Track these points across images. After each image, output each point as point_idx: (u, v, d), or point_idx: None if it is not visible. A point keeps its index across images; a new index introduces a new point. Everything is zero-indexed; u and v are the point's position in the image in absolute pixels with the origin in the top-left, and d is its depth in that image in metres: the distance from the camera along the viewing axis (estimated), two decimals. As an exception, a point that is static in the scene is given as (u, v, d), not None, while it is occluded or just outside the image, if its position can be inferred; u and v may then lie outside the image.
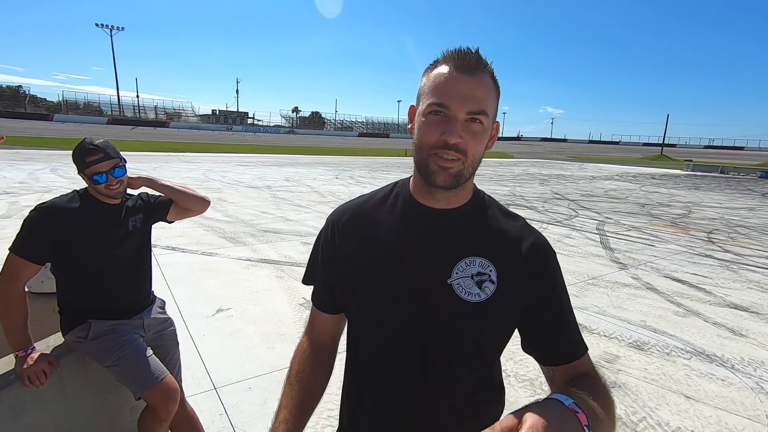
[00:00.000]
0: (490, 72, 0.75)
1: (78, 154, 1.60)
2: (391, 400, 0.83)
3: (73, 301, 1.65)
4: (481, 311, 0.77)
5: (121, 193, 1.66)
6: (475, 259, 0.79)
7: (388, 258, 0.81)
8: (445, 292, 0.77)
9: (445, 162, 0.74)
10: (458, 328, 0.78)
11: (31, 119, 50.58)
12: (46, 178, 11.25)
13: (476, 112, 0.72)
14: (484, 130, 0.74)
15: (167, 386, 1.57)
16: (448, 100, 0.72)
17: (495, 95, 0.76)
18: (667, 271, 5.44)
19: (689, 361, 3.22)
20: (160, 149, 24.24)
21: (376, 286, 0.81)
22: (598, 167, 27.17)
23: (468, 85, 0.72)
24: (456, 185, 0.76)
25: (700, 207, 11.50)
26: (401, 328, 0.80)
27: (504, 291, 0.78)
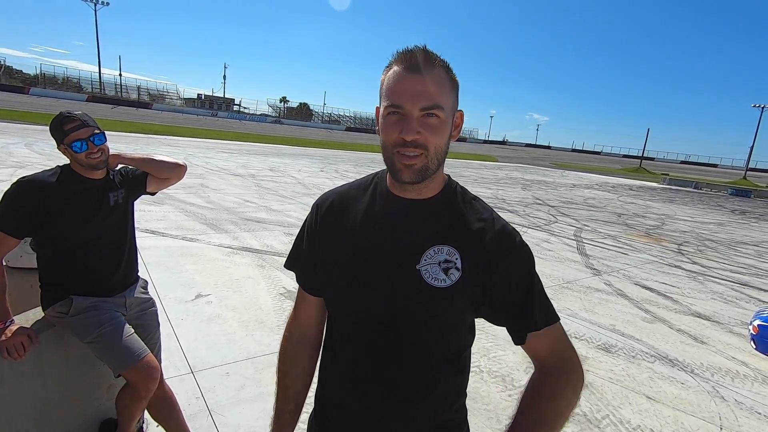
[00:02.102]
0: (442, 66, 0.79)
1: (56, 125, 1.59)
2: (364, 380, 0.87)
3: (55, 277, 1.64)
4: (448, 296, 0.81)
5: (102, 162, 1.64)
6: (443, 248, 0.83)
7: (362, 244, 0.85)
8: (413, 277, 0.81)
9: (408, 159, 0.78)
10: (426, 312, 0.82)
11: (6, 91, 48.55)
12: (20, 153, 10.88)
13: (429, 107, 0.76)
14: (442, 122, 0.78)
15: (148, 365, 1.58)
16: (401, 100, 0.76)
17: (450, 87, 0.79)
18: (637, 279, 5.65)
19: (653, 364, 3.38)
20: (141, 131, 23.62)
21: (350, 271, 0.86)
22: (579, 176, 27.77)
23: (417, 83, 0.76)
24: (422, 179, 0.80)
25: (673, 219, 11.91)
26: (373, 311, 0.84)
27: (468, 277, 0.82)
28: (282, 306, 3.71)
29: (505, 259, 0.84)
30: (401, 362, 0.85)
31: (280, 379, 1.00)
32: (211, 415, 2.27)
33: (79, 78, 69.29)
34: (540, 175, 23.83)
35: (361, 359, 0.87)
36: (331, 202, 0.93)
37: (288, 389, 0.99)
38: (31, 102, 37.95)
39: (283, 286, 4.12)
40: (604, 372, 3.16)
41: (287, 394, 0.99)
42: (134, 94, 70.14)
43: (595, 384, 2.99)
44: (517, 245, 0.86)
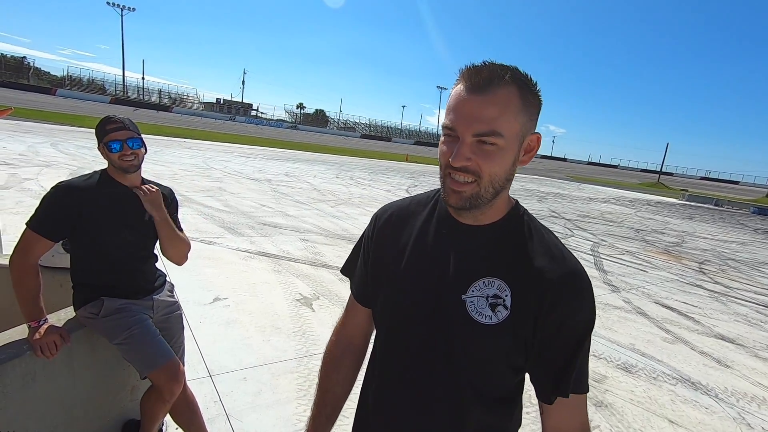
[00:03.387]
0: (513, 84, 0.70)
1: (100, 125, 1.66)
2: (395, 405, 0.84)
3: (87, 278, 1.68)
4: (490, 335, 0.75)
5: (134, 166, 1.67)
6: (494, 281, 0.76)
7: (412, 263, 0.83)
8: (457, 307, 0.77)
9: (457, 185, 0.73)
10: (464, 346, 0.76)
11: (34, 92, 50.18)
12: (46, 152, 11.18)
13: (484, 133, 0.70)
14: (500, 149, 0.71)
15: (174, 368, 1.60)
16: (455, 123, 0.71)
17: (519, 108, 0.71)
18: (657, 297, 5.52)
19: (675, 387, 3.29)
20: (162, 133, 24.13)
21: (396, 289, 0.84)
22: (596, 189, 27.42)
23: (475, 105, 0.69)
24: (471, 207, 0.75)
25: (693, 237, 11.65)
26: (412, 335, 0.81)
27: (518, 319, 0.74)
28: (298, 312, 3.72)
29: (565, 308, 0.74)
30: (433, 393, 0.80)
31: (321, 381, 0.99)
32: (229, 420, 2.28)
33: (103, 80, 71.34)
34: (556, 188, 23.58)
35: (395, 382, 0.85)
36: (390, 214, 0.91)
37: (327, 393, 0.98)
38: (57, 103, 39.14)
39: (299, 293, 4.14)
40: (624, 393, 3.09)
41: (326, 398, 0.98)
42: (155, 97, 71.82)
43: (615, 405, 2.92)
44: (583, 295, 0.75)
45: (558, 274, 0.74)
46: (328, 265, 5.10)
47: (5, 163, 8.78)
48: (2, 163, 8.79)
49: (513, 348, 0.76)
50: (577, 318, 0.75)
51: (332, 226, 7.18)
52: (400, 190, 13.66)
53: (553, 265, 0.75)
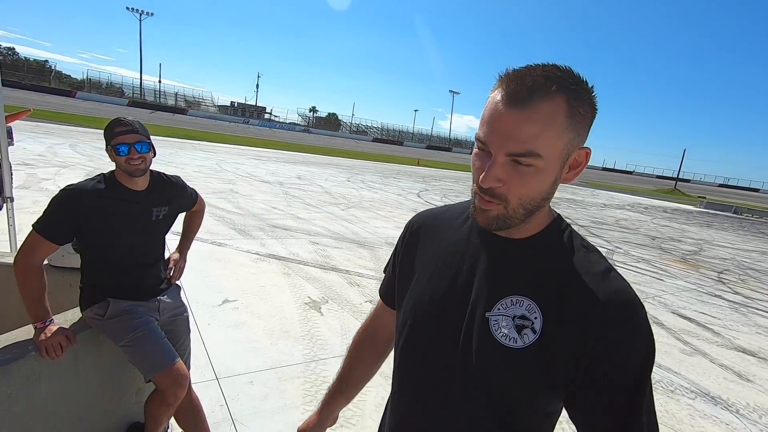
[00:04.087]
0: (558, 95, 0.60)
1: (109, 127, 1.65)
2: (409, 413, 0.81)
3: (94, 279, 1.67)
4: (512, 359, 0.67)
5: (141, 170, 1.65)
6: (523, 300, 0.68)
7: (440, 274, 0.78)
8: (481, 324, 0.70)
9: (484, 203, 0.67)
10: (483, 368, 0.69)
11: (55, 94, 51.52)
12: (65, 153, 11.41)
13: (519, 154, 0.61)
14: (538, 171, 0.63)
15: (178, 371, 1.58)
16: (488, 138, 0.63)
17: (562, 126, 0.61)
18: (674, 308, 5.37)
19: (693, 401, 3.17)
20: (177, 135, 24.50)
21: (420, 297, 0.80)
22: (610, 195, 26.99)
23: (512, 121, 0.60)
24: (499, 228, 0.69)
25: (712, 245, 11.36)
26: (431, 349, 0.76)
27: (546, 347, 0.65)
28: (306, 316, 3.70)
29: (612, 338, 0.62)
30: (448, 409, 0.74)
31: (344, 362, 1.05)
32: (234, 425, 2.26)
33: (121, 84, 72.93)
34: (569, 194, 23.29)
35: (410, 390, 0.81)
36: (424, 221, 0.89)
37: (346, 372, 1.03)
38: (77, 105, 40.07)
39: (308, 296, 4.12)
40: (640, 406, 2.99)
41: (344, 376, 1.03)
42: (172, 101, 73.15)
43: (630, 418, 2.82)
44: (634, 322, 0.63)
45: (603, 301, 0.64)
46: (338, 268, 5.07)
47: (24, 164, 8.98)
48: (22, 163, 8.98)
49: (540, 380, 0.66)
50: (630, 351, 0.63)
51: (342, 230, 7.16)
52: (411, 194, 13.61)
53: (597, 289, 0.65)
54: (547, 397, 0.68)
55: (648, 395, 0.64)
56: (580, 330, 0.63)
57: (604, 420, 0.64)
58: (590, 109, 0.64)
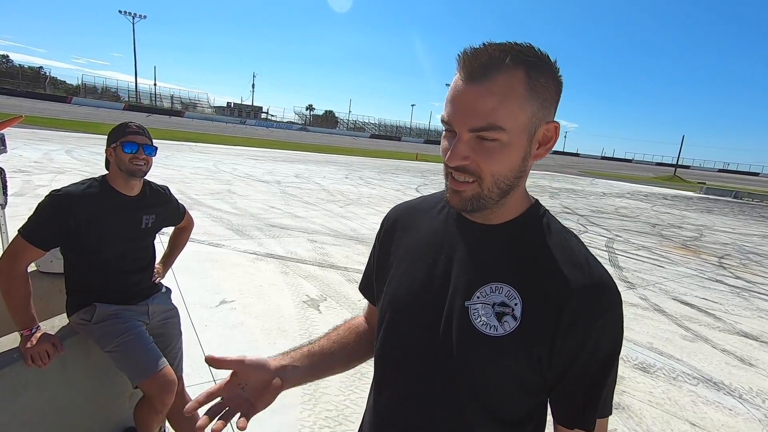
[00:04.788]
0: (514, 67, 0.60)
1: (118, 126, 1.67)
2: (392, 406, 0.78)
3: (80, 285, 1.64)
4: (493, 347, 0.66)
5: (142, 171, 1.65)
6: (502, 287, 0.67)
7: (417, 265, 0.77)
8: (460, 314, 0.69)
9: (456, 184, 0.66)
10: (465, 359, 0.68)
11: (50, 101, 51.38)
12: (61, 159, 11.37)
13: (481, 128, 0.61)
14: (504, 145, 0.62)
15: (165, 377, 1.55)
16: (451, 117, 0.63)
17: (522, 96, 0.61)
18: (675, 294, 5.35)
19: (696, 387, 3.15)
20: (174, 138, 24.42)
21: (398, 289, 0.78)
22: (610, 184, 26.93)
23: (471, 96, 0.60)
24: (475, 209, 0.68)
25: (712, 231, 11.32)
26: (410, 344, 0.74)
27: (529, 331, 0.65)
28: (305, 314, 3.67)
29: (588, 326, 0.63)
30: (432, 412, 0.72)
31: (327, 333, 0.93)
32: (231, 426, 2.24)
33: (116, 88, 72.75)
34: (569, 183, 23.23)
35: (391, 388, 0.78)
36: (399, 213, 0.87)
37: (324, 339, 0.90)
38: (73, 111, 39.96)
39: (306, 294, 4.09)
40: (642, 394, 2.97)
41: (319, 343, 0.89)
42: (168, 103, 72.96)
43: (633, 407, 2.80)
44: (610, 311, 0.65)
45: (580, 285, 0.64)
46: (336, 266, 5.05)
47: (20, 171, 8.94)
48: (17, 170, 8.94)
49: (523, 366, 0.66)
50: (603, 338, 0.64)
51: (341, 227, 7.13)
52: (410, 189, 13.57)
53: (575, 275, 0.65)
54: (532, 385, 0.68)
55: (613, 375, 0.67)
56: (558, 316, 0.64)
57: (574, 393, 0.67)
58: (553, 81, 0.64)
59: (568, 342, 0.64)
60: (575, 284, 0.64)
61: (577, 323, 0.63)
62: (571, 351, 0.64)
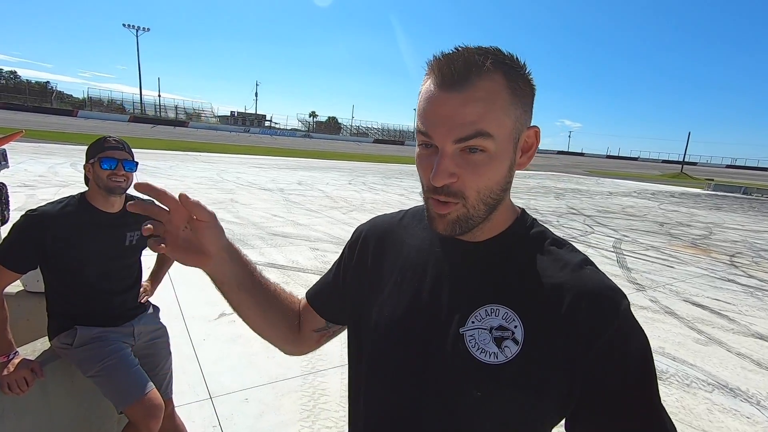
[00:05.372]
0: (498, 70, 0.56)
1: (95, 142, 1.60)
2: None
3: (60, 306, 1.58)
4: (495, 377, 0.59)
5: (122, 188, 1.58)
6: (499, 308, 0.61)
7: (401, 289, 0.69)
8: (455, 342, 0.62)
9: (439, 207, 0.60)
10: (461, 392, 0.61)
11: (57, 114, 52.08)
12: (65, 173, 11.44)
13: (467, 137, 0.55)
14: (492, 157, 0.57)
15: (150, 402, 1.48)
16: (430, 129, 0.57)
17: (506, 102, 0.57)
18: (687, 295, 5.21)
19: (711, 394, 3.03)
20: (178, 148, 24.57)
21: (382, 319, 0.70)
22: (616, 183, 26.67)
23: (454, 105, 0.55)
24: (462, 231, 0.62)
25: (722, 228, 11.12)
26: (398, 376, 0.67)
27: (533, 356, 0.58)
28: (305, 325, 3.60)
29: (604, 341, 0.56)
30: None
31: None
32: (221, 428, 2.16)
33: (122, 100, 73.63)
34: (574, 183, 23.04)
35: (380, 420, 0.70)
36: (377, 227, 0.79)
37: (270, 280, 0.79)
38: (79, 124, 40.41)
39: (306, 304, 4.02)
40: (655, 403, 2.85)
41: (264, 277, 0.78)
42: (172, 114, 73.67)
43: (645, 417, 2.69)
44: (621, 314, 0.58)
45: (582, 295, 0.58)
46: (338, 274, 4.98)
47: (24, 185, 8.99)
48: (22, 185, 8.99)
49: (529, 397, 0.58)
50: (628, 348, 0.57)
51: (343, 234, 7.06)
52: (414, 194, 13.49)
53: (574, 285, 0.59)
54: (538, 415, 0.60)
55: (654, 381, 0.58)
56: (566, 336, 0.57)
57: (609, 416, 0.57)
58: (528, 85, 0.60)
59: (590, 354, 0.56)
60: (578, 293, 0.59)
61: (593, 333, 0.57)
62: (597, 362, 0.57)
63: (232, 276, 0.70)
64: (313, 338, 0.85)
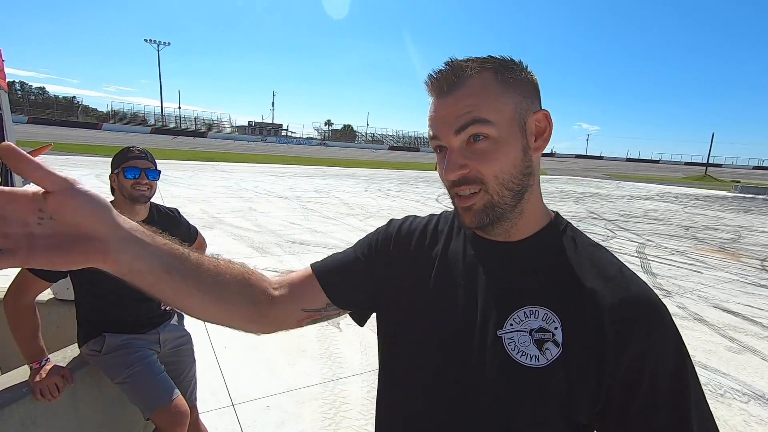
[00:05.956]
0: (481, 71, 0.60)
1: (119, 153, 1.65)
2: None
3: (89, 314, 1.62)
4: (537, 380, 0.58)
5: (145, 197, 1.62)
6: (537, 310, 0.60)
7: (438, 294, 0.68)
8: (493, 346, 0.61)
9: (463, 201, 0.62)
10: (499, 397, 0.60)
11: (82, 128, 53.93)
12: (90, 183, 11.63)
13: (465, 125, 0.58)
14: (496, 142, 0.59)
15: (176, 409, 1.49)
16: (435, 131, 0.62)
17: (497, 90, 0.59)
18: (716, 301, 5.03)
19: (747, 405, 2.90)
20: (198, 158, 25.12)
21: (417, 321, 0.69)
22: (637, 186, 26.08)
23: (449, 105, 0.60)
24: (491, 221, 0.62)
25: (751, 232, 10.73)
26: (436, 381, 0.65)
27: (573, 358, 0.57)
28: (324, 333, 3.60)
29: (638, 344, 0.56)
30: None
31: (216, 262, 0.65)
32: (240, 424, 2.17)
33: (144, 113, 75.79)
34: (593, 187, 22.62)
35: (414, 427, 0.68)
36: (412, 226, 0.78)
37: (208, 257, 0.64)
38: (104, 137, 41.73)
39: (325, 312, 4.03)
40: (687, 414, 2.75)
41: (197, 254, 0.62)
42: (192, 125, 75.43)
43: (677, 428, 2.59)
44: (659, 322, 0.57)
45: (620, 301, 0.58)
46: (356, 281, 4.98)
47: (52, 197, 9.30)
48: (49, 196, 9.31)
49: (571, 398, 0.57)
50: (662, 355, 0.56)
51: (360, 241, 7.08)
52: (430, 200, 13.45)
53: (612, 290, 0.59)
54: (579, 417, 0.59)
55: (696, 385, 0.57)
56: (599, 340, 0.57)
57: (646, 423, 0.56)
58: (524, 75, 0.62)
59: (622, 367, 0.56)
60: (614, 300, 0.58)
61: (627, 344, 0.56)
62: (629, 373, 0.56)
63: (153, 258, 0.52)
64: (294, 317, 0.73)
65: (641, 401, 0.55)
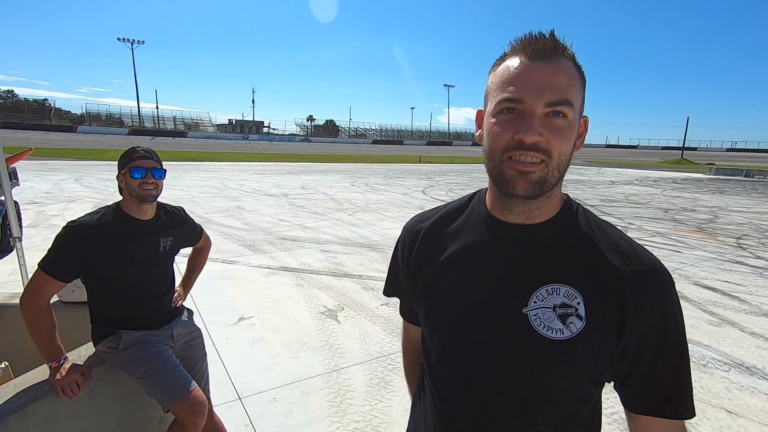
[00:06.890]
0: (570, 57, 0.64)
1: (126, 153, 1.67)
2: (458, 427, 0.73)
3: (104, 313, 1.65)
4: (564, 352, 0.64)
5: (152, 196, 1.64)
6: (560, 287, 0.65)
7: (461, 280, 0.72)
8: (520, 323, 0.66)
9: (523, 165, 0.63)
10: (534, 370, 0.66)
11: (57, 131, 52.28)
12: (71, 188, 11.54)
13: (557, 102, 0.61)
14: (570, 125, 0.63)
15: (195, 399, 1.54)
16: (521, 93, 0.62)
17: (580, 84, 0.65)
18: (696, 279, 5.26)
19: (728, 373, 3.08)
20: (180, 158, 24.70)
21: (447, 311, 0.74)
22: (617, 172, 26.70)
23: (544, 72, 0.62)
24: (539, 193, 0.65)
25: (727, 212, 11.14)
26: (470, 366, 0.70)
27: (595, 329, 0.64)
28: (323, 326, 3.66)
29: (651, 310, 0.64)
30: (503, 424, 0.69)
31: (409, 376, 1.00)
32: None
33: (120, 114, 73.79)
34: (574, 174, 23.06)
35: (456, 410, 0.73)
36: (423, 226, 0.82)
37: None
38: (79, 140, 40.63)
39: (323, 305, 4.08)
40: (673, 384, 2.90)
41: None
42: (171, 125, 73.76)
43: (665, 398, 2.74)
44: (668, 291, 0.66)
45: (635, 273, 0.65)
46: (350, 274, 5.04)
47: (33, 202, 9.08)
48: (30, 202, 9.09)
49: (596, 364, 0.65)
50: (669, 322, 0.65)
51: (351, 235, 7.13)
52: (417, 192, 13.55)
53: (627, 264, 0.66)
54: (604, 377, 0.68)
55: (687, 350, 0.67)
56: (620, 307, 0.64)
57: (657, 381, 0.65)
58: (585, 78, 0.68)
59: (637, 329, 0.64)
60: (630, 273, 0.65)
61: (641, 310, 0.64)
62: (641, 337, 0.64)
63: None
64: None
65: (647, 355, 0.64)
